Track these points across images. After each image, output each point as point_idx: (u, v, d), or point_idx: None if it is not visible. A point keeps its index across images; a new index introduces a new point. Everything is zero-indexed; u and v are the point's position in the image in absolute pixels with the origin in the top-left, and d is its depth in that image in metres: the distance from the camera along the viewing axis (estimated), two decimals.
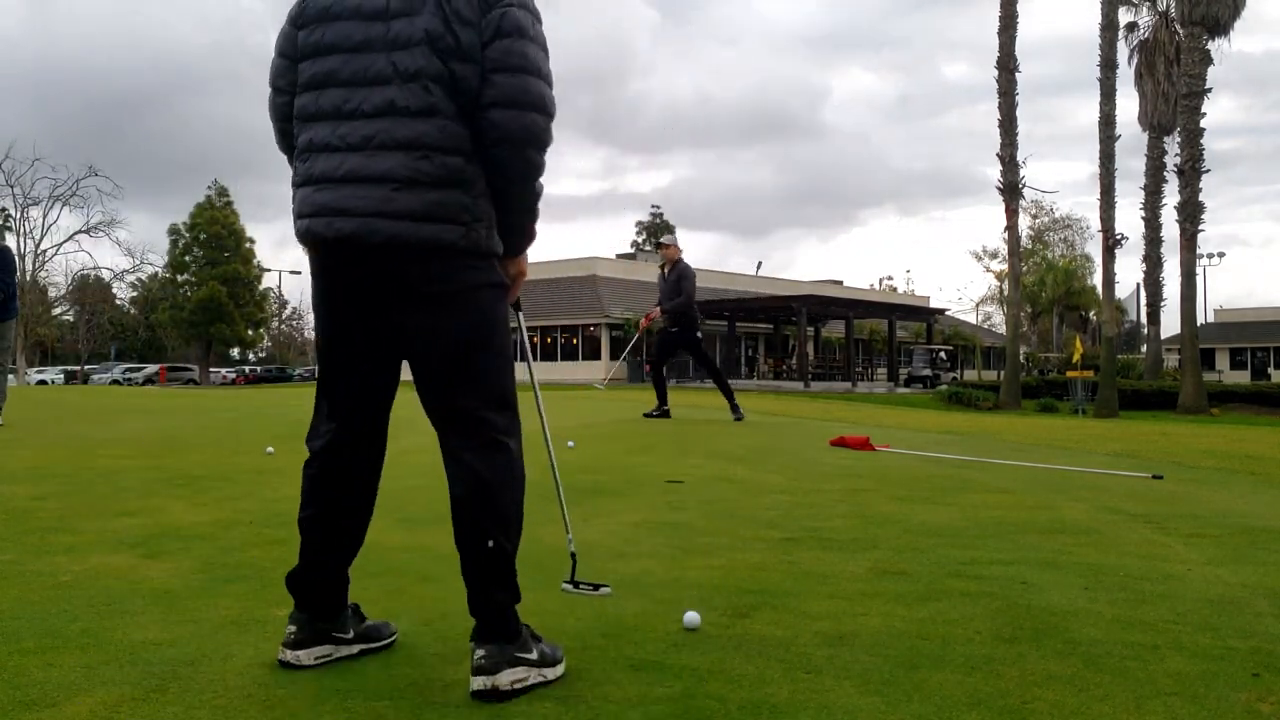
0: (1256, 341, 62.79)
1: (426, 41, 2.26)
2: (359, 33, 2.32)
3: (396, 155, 2.26)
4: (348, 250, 2.30)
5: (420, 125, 2.26)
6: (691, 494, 5.50)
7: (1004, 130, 29.43)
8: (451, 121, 2.28)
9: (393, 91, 2.28)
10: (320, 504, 2.47)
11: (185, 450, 7.38)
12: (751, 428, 10.95)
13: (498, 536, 2.34)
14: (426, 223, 2.25)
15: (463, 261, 2.31)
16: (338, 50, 2.34)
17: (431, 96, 2.26)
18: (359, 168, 2.28)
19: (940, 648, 2.66)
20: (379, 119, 2.28)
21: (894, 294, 75.70)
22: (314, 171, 2.35)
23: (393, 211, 2.25)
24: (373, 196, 2.26)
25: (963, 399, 28.45)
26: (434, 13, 2.27)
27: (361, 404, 2.46)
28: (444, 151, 2.27)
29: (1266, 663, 2.57)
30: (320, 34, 2.37)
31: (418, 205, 2.25)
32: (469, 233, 2.29)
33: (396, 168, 2.26)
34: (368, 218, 2.26)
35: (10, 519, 4.37)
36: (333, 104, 2.33)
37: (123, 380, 53.60)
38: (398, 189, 2.25)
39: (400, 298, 2.31)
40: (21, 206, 55.25)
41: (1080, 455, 9.36)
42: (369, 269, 2.30)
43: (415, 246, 2.26)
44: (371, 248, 2.27)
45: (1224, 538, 4.46)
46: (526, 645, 2.34)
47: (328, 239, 2.31)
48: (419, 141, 2.26)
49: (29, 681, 2.30)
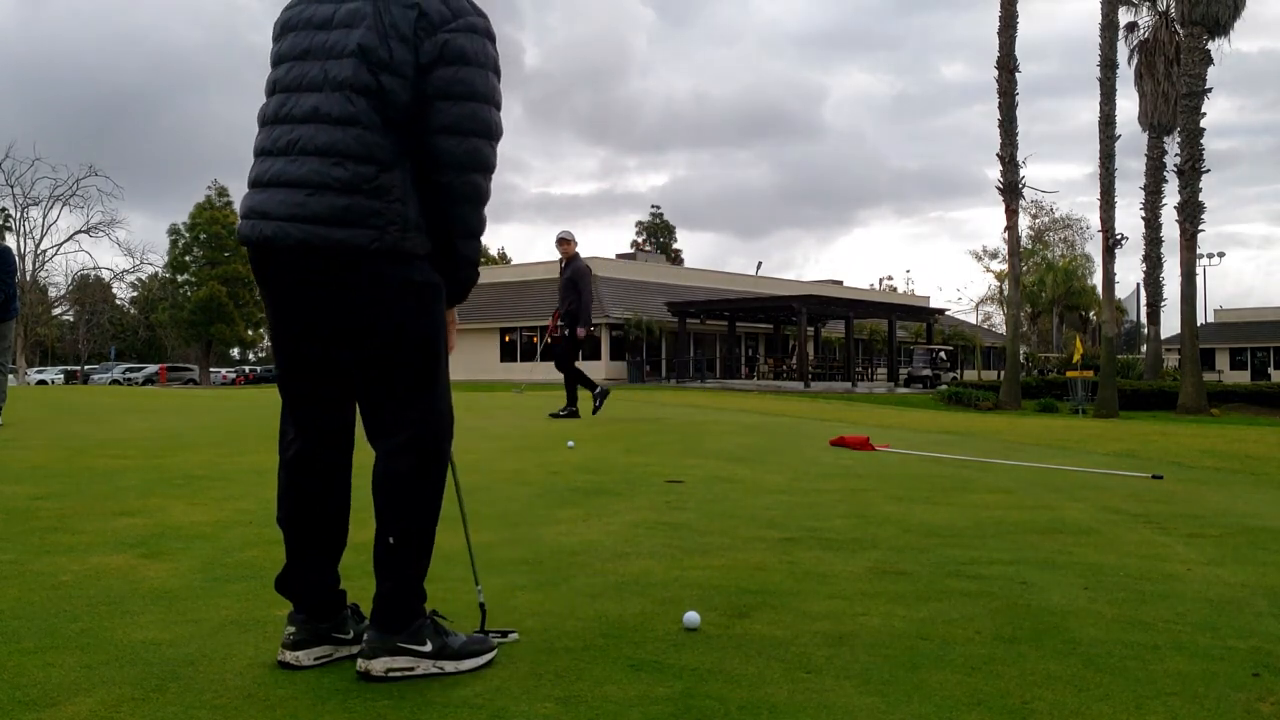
0: (1256, 341, 62.78)
1: (358, 53, 2.31)
2: (304, 42, 2.41)
3: (313, 160, 2.33)
4: (269, 253, 2.39)
5: (337, 133, 2.32)
6: (691, 494, 5.50)
7: (1004, 130, 29.45)
8: (370, 132, 2.32)
9: (318, 98, 2.35)
10: (293, 505, 2.52)
11: (185, 450, 7.38)
12: (751, 428, 10.95)
13: (398, 533, 2.40)
14: (338, 227, 2.31)
15: (378, 264, 2.34)
16: (286, 59, 2.44)
17: (353, 107, 2.32)
18: (281, 172, 2.36)
19: (940, 648, 2.66)
20: (304, 124, 2.36)
21: (894, 294, 75.68)
22: (252, 174, 2.45)
23: (305, 215, 2.32)
24: (289, 201, 2.34)
25: (963, 399, 28.47)
26: (371, 26, 2.32)
27: (317, 406, 2.51)
28: (357, 159, 2.32)
29: (1266, 663, 2.57)
30: (280, 46, 2.48)
31: (326, 210, 2.31)
32: (382, 235, 2.33)
33: (310, 174, 2.33)
34: (282, 221, 2.34)
35: (10, 519, 4.37)
36: (274, 109, 2.43)
37: (123, 380, 53.62)
38: (311, 194, 2.32)
39: (324, 300, 2.37)
40: (21, 206, 55.26)
41: (1080, 455, 9.36)
42: (291, 272, 2.38)
43: (327, 250, 2.32)
44: (288, 250, 2.34)
45: (1224, 538, 4.46)
46: (418, 636, 2.38)
47: (253, 241, 2.40)
48: (333, 148, 2.32)
49: (29, 681, 2.29)
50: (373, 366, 2.41)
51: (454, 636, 2.46)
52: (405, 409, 2.43)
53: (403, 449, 2.41)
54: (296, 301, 2.41)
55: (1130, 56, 35.95)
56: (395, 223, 2.34)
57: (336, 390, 2.50)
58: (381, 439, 2.44)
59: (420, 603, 2.45)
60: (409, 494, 2.41)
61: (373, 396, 2.45)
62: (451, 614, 2.76)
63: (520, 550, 3.86)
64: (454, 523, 2.83)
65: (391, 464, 2.41)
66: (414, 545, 2.43)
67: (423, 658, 2.38)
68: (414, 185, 2.39)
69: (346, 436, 2.56)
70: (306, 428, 2.51)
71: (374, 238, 2.32)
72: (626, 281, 49.07)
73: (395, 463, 2.41)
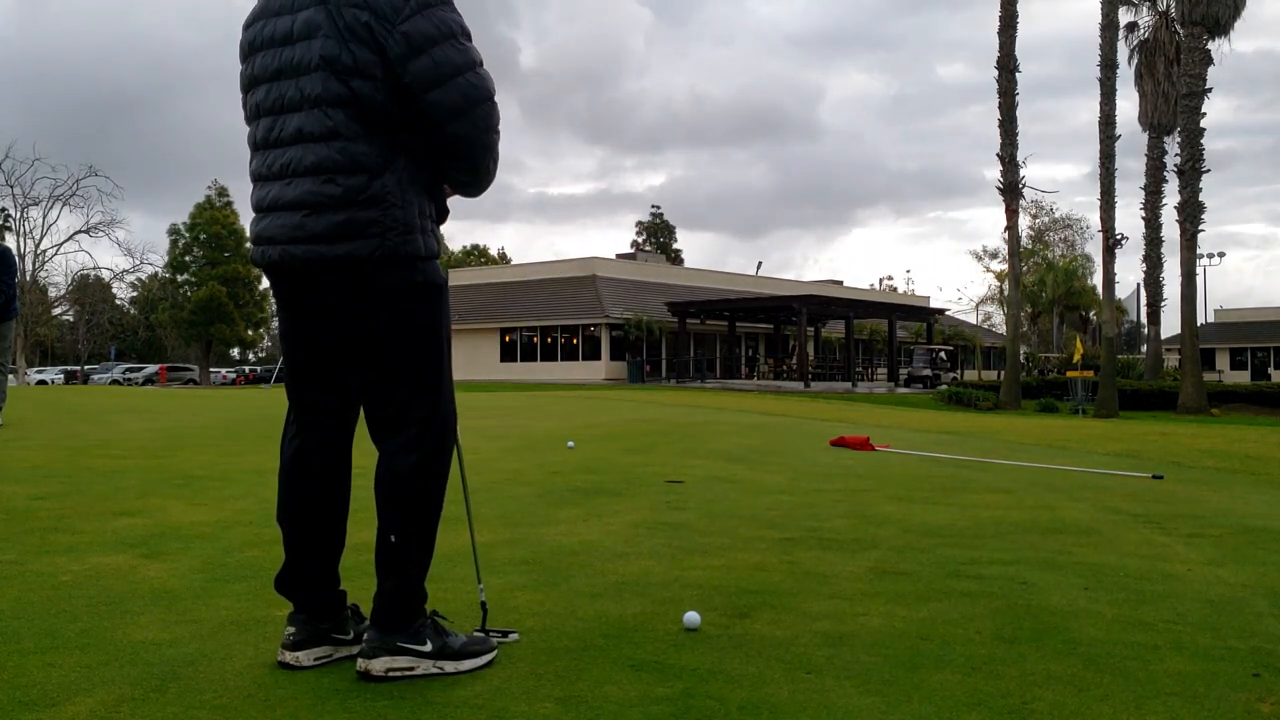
0: (1256, 341, 62.76)
1: (323, 65, 2.32)
2: (274, 61, 2.42)
3: (306, 181, 2.36)
4: (280, 274, 2.46)
5: (322, 150, 2.34)
6: (691, 494, 5.50)
7: (1004, 130, 29.43)
8: (353, 142, 2.33)
9: (301, 118, 2.37)
10: (292, 506, 2.54)
11: (185, 450, 7.38)
12: (752, 428, 10.95)
13: (399, 531, 2.41)
14: (340, 242, 2.34)
15: (382, 271, 2.37)
16: (261, 81, 2.45)
17: (330, 121, 2.33)
18: (279, 196, 2.41)
19: (940, 648, 2.66)
20: (292, 146, 2.39)
21: (894, 294, 75.65)
22: (253, 199, 2.51)
23: (306, 236, 2.36)
24: (288, 224, 2.39)
25: (963, 399, 28.46)
26: (328, 34, 2.31)
27: (322, 412, 2.54)
28: (346, 172, 2.33)
29: (1266, 663, 2.57)
30: (250, 67, 2.49)
31: (326, 228, 2.34)
32: (383, 243, 2.35)
33: (305, 194, 2.36)
34: (286, 245, 2.39)
35: (10, 519, 4.37)
36: (263, 134, 2.46)
37: (123, 380, 53.57)
38: (308, 214, 2.36)
39: (335, 313, 2.42)
40: (21, 206, 55.16)
41: (1080, 455, 9.36)
42: (303, 289, 2.43)
43: (332, 265, 2.35)
44: (295, 271, 2.40)
45: (1224, 538, 4.46)
46: (418, 636, 2.39)
47: (263, 265, 2.47)
48: (321, 166, 2.34)
49: (29, 681, 2.29)
50: (376, 367, 2.43)
51: (454, 637, 2.46)
52: (408, 408, 2.44)
53: (406, 448, 2.43)
54: (308, 315, 2.46)
55: (1130, 56, 35.94)
56: (394, 229, 2.35)
57: (337, 399, 2.53)
58: (385, 438, 2.46)
59: (421, 603, 2.46)
60: (411, 493, 2.42)
61: (376, 396, 2.47)
62: (452, 614, 2.76)
63: (520, 550, 3.86)
64: (454, 523, 2.84)
65: (395, 463, 2.42)
66: (415, 544, 2.44)
67: (423, 658, 2.38)
68: (411, 184, 2.39)
69: (345, 442, 2.58)
70: (308, 430, 2.54)
71: (375, 246, 2.34)
72: (626, 281, 49.07)
73: (398, 461, 2.42)
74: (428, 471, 2.44)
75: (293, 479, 2.53)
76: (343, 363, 2.47)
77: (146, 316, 70.41)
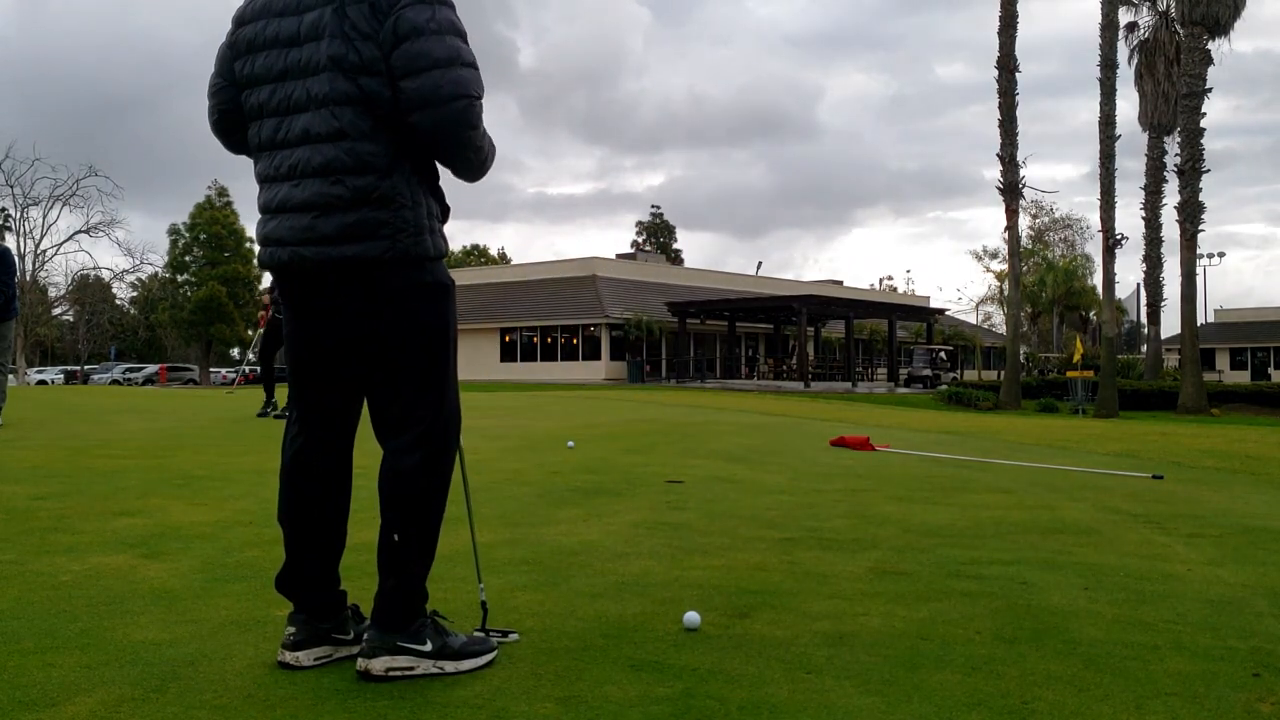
0: (1256, 341, 62.76)
1: (332, 65, 2.32)
2: (279, 62, 2.41)
3: (315, 183, 2.36)
4: (289, 276, 2.45)
5: (330, 150, 2.34)
6: (691, 494, 5.50)
7: (1004, 130, 29.43)
8: (360, 142, 2.33)
9: (308, 119, 2.36)
10: (292, 506, 2.54)
11: (185, 450, 7.38)
12: (751, 428, 10.95)
13: (402, 531, 2.42)
14: (350, 243, 2.34)
15: (391, 271, 2.37)
16: (264, 81, 2.44)
17: (337, 121, 2.32)
18: (288, 197, 2.40)
19: (940, 648, 2.66)
20: (300, 147, 2.38)
21: (894, 294, 75.63)
22: (260, 201, 2.50)
23: (316, 238, 2.36)
24: (298, 226, 2.38)
25: (963, 399, 28.45)
26: (335, 34, 2.31)
27: (324, 412, 2.54)
28: (355, 173, 2.33)
29: (1266, 663, 2.57)
30: (251, 67, 2.47)
31: (336, 230, 2.34)
32: (394, 244, 2.35)
33: (314, 196, 2.35)
34: (296, 246, 2.39)
35: (10, 519, 4.37)
36: (269, 134, 2.45)
37: (123, 380, 53.53)
38: (318, 216, 2.36)
39: (340, 312, 2.42)
40: (21, 206, 55.14)
41: (1080, 455, 9.36)
42: (312, 291, 2.43)
43: (342, 267, 2.35)
44: (305, 273, 2.40)
45: (1224, 538, 4.46)
46: (418, 636, 2.39)
47: (272, 267, 2.46)
48: (330, 167, 2.34)
49: (29, 681, 2.30)
50: (381, 366, 2.44)
51: (454, 637, 2.46)
52: (413, 408, 2.44)
53: (410, 447, 2.43)
54: (313, 315, 2.46)
55: (1130, 56, 35.94)
56: (405, 230, 2.35)
57: (340, 399, 2.53)
58: (389, 437, 2.46)
59: (422, 602, 2.46)
60: (414, 492, 2.43)
61: (381, 396, 2.47)
62: (452, 614, 2.76)
63: (520, 550, 3.86)
64: (454, 523, 2.84)
65: (399, 462, 2.43)
66: (417, 544, 2.44)
67: (423, 657, 2.38)
68: (417, 184, 2.40)
69: (347, 443, 2.58)
70: (309, 431, 2.55)
71: (386, 248, 2.34)
72: (626, 281, 49.06)
73: (402, 461, 2.43)
74: (431, 471, 2.44)
75: (294, 479, 2.53)
76: (347, 363, 2.48)
77: (146, 316, 70.39)
